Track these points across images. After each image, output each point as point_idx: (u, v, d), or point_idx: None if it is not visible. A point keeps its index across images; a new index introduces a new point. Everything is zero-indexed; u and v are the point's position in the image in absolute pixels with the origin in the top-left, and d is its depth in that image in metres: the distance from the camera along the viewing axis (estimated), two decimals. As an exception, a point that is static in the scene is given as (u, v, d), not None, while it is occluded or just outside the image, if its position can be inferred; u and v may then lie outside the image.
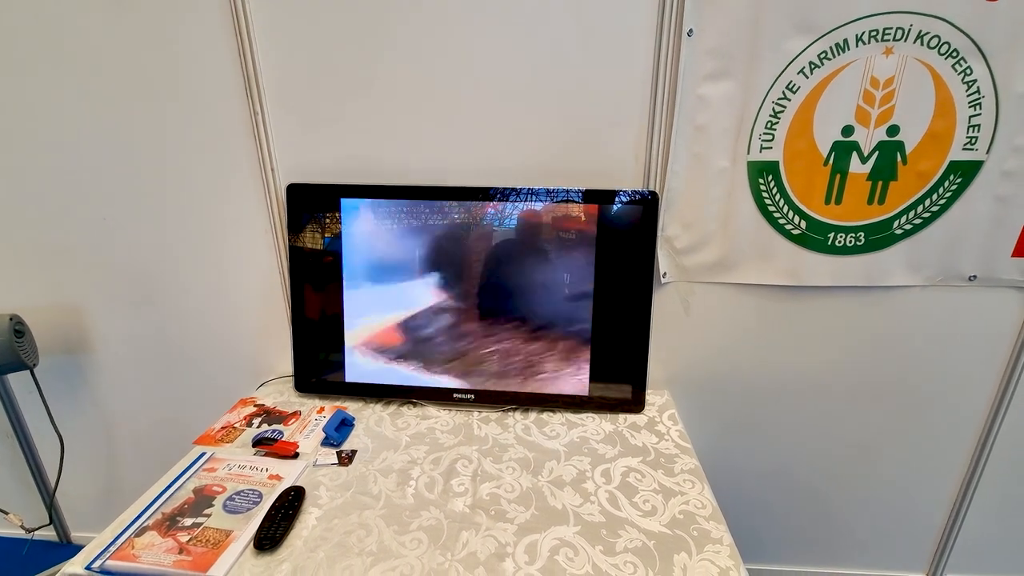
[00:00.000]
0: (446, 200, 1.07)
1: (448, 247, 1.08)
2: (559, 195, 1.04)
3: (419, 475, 0.92)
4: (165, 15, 1.02)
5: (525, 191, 1.05)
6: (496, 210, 1.06)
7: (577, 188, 1.04)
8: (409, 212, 1.08)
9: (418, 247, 1.09)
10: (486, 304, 1.10)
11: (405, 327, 1.13)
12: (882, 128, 0.98)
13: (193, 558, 0.73)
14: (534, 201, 1.05)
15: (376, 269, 1.11)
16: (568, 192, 1.04)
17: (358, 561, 0.74)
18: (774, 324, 1.15)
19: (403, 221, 1.08)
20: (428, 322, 1.12)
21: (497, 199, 1.06)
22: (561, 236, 1.06)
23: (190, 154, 1.12)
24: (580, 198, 1.04)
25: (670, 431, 1.05)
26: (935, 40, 0.92)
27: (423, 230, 1.08)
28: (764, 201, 1.05)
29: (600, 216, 1.05)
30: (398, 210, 1.08)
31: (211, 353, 1.29)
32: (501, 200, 1.05)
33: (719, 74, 0.98)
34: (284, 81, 1.05)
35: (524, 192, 1.05)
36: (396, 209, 1.08)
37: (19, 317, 1.13)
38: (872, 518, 1.32)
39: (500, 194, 1.05)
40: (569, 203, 1.04)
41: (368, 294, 1.12)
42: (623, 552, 0.76)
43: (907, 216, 1.04)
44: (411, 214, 1.08)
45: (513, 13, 0.97)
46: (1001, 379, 1.16)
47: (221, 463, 0.94)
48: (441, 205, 1.07)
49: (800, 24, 0.93)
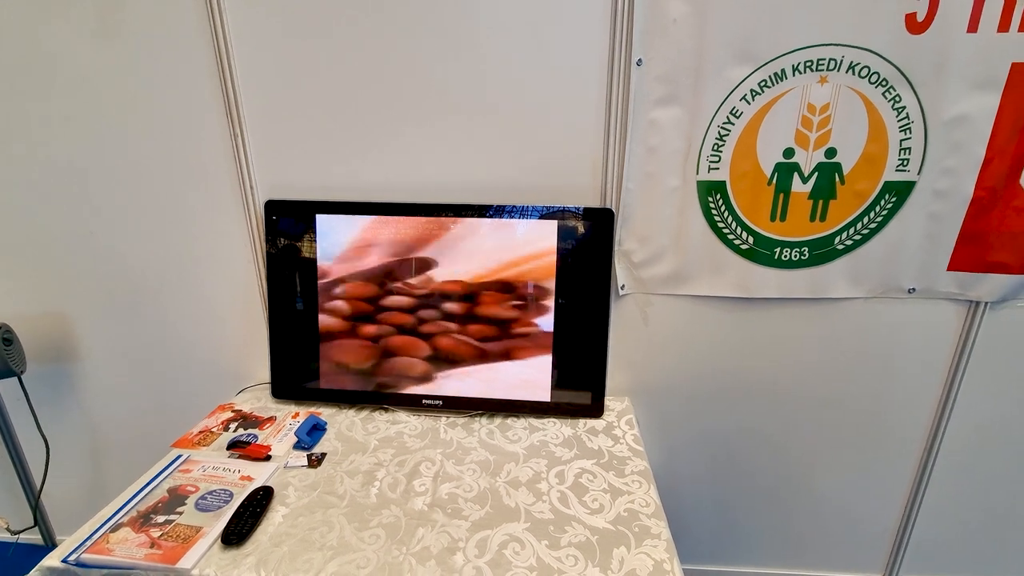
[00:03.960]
0: (416, 216, 1.13)
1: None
2: (523, 211, 1.11)
3: (384, 476, 0.97)
4: (152, 44, 1.09)
5: (491, 208, 1.11)
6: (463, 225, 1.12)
7: (539, 205, 1.10)
8: (381, 227, 1.14)
9: (388, 259, 1.15)
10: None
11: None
12: (820, 151, 1.05)
13: (163, 551, 0.79)
14: (498, 217, 1.11)
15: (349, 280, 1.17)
16: (532, 209, 1.10)
17: (319, 555, 0.80)
18: (727, 334, 1.21)
19: (376, 235, 1.15)
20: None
21: (464, 215, 1.12)
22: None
23: (174, 172, 1.18)
24: (542, 214, 1.10)
25: (626, 435, 1.10)
26: (865, 70, 1.00)
27: (393, 243, 1.14)
28: (714, 218, 1.12)
29: (559, 231, 1.11)
30: (371, 225, 1.14)
31: (192, 361, 1.34)
32: (467, 216, 1.12)
33: (668, 100, 1.05)
34: (262, 105, 1.12)
35: (490, 209, 1.11)
36: (369, 224, 1.14)
37: (8, 326, 1.19)
38: (828, 521, 1.37)
39: (466, 210, 1.12)
40: (531, 218, 1.11)
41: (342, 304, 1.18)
42: (567, 547, 0.81)
43: (847, 232, 1.11)
44: (383, 228, 1.14)
45: (481, 44, 1.04)
46: (943, 386, 1.22)
47: (196, 464, 0.99)
48: (411, 221, 1.13)
49: (740, 54, 1.00)
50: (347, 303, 1.18)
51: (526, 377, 1.16)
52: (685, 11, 0.99)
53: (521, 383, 1.16)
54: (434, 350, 1.17)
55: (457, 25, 1.03)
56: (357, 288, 1.17)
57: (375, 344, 1.18)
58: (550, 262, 1.12)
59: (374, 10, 1.03)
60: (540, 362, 1.15)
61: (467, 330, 1.16)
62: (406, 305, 1.16)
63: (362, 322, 1.18)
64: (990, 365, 1.18)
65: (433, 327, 1.16)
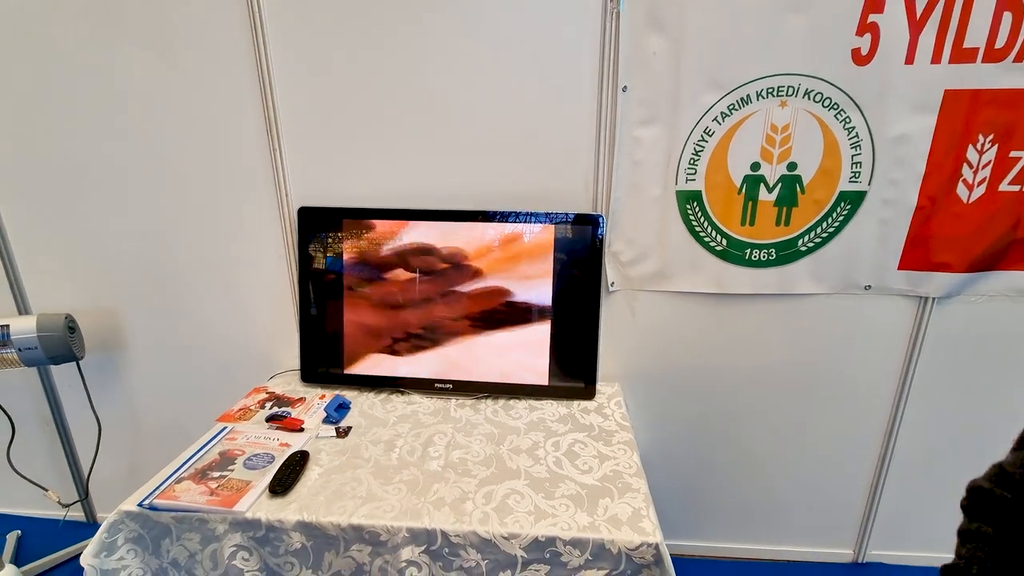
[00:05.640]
0: (431, 220, 1.29)
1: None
2: (524, 216, 1.27)
3: (402, 444, 1.12)
4: (205, 75, 1.26)
5: (496, 213, 1.27)
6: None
7: (538, 211, 1.26)
8: (399, 230, 1.30)
9: (405, 259, 1.31)
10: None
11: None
12: (783, 164, 1.21)
13: (221, 498, 0.94)
14: (504, 221, 1.27)
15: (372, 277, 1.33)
16: (532, 214, 1.26)
17: (351, 503, 0.94)
18: (705, 326, 1.36)
19: (395, 237, 1.31)
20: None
21: (473, 219, 1.28)
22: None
23: (219, 183, 1.35)
24: (541, 219, 1.26)
25: (615, 413, 1.25)
26: (819, 95, 1.16)
27: (411, 245, 1.30)
28: (691, 223, 1.27)
29: (556, 234, 1.27)
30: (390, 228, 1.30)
31: (229, 350, 1.50)
32: (476, 220, 1.28)
33: (649, 120, 1.21)
34: (298, 126, 1.29)
35: (495, 214, 1.27)
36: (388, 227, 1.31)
37: (72, 316, 1.35)
38: (799, 499, 1.51)
39: (475, 216, 1.28)
40: (532, 223, 1.27)
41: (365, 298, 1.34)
42: (560, 498, 0.96)
43: (809, 236, 1.26)
44: (401, 232, 1.30)
45: (488, 71, 1.21)
46: (900, 372, 1.36)
47: (240, 434, 1.14)
48: (427, 224, 1.29)
49: (711, 83, 1.17)
50: (368, 299, 1.33)
51: (527, 364, 1.31)
52: (663, 46, 1.15)
53: (522, 369, 1.31)
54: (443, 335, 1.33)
55: (471, 60, 1.20)
56: (377, 286, 1.33)
57: (394, 335, 1.34)
58: (548, 261, 1.27)
59: (397, 48, 1.20)
60: (539, 350, 1.31)
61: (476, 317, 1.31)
62: (422, 302, 1.32)
63: (382, 314, 1.33)
64: (941, 354, 1.33)
65: (441, 312, 1.32)
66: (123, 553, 0.95)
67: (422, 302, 1.32)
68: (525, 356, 1.31)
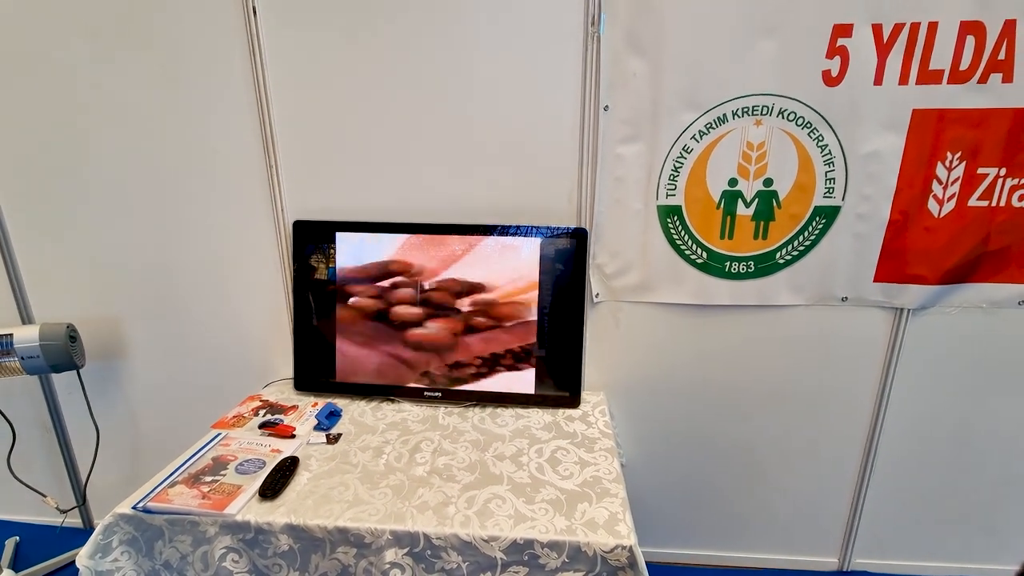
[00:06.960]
0: (422, 234, 1.34)
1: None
2: (512, 230, 1.31)
3: (390, 451, 1.16)
4: (204, 91, 1.32)
5: (484, 227, 1.32)
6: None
7: (525, 225, 1.31)
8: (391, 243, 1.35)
9: (396, 270, 1.35)
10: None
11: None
12: (759, 180, 1.26)
13: (213, 501, 0.97)
14: (489, 235, 1.32)
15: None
16: (519, 228, 1.31)
17: (338, 506, 0.98)
18: (688, 336, 1.40)
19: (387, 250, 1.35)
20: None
21: (461, 233, 1.32)
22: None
23: (216, 195, 1.40)
24: (528, 232, 1.31)
25: (598, 421, 1.28)
26: (792, 115, 1.21)
27: (402, 258, 1.35)
28: (672, 236, 1.32)
29: (542, 247, 1.31)
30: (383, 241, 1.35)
31: (226, 359, 1.54)
32: (464, 234, 1.32)
33: (631, 138, 1.26)
34: (293, 143, 1.34)
35: (483, 228, 1.32)
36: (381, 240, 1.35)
37: (73, 326, 1.39)
38: (784, 507, 1.53)
39: (464, 229, 1.32)
40: (519, 236, 1.31)
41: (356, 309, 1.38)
42: (540, 503, 0.99)
43: (786, 249, 1.30)
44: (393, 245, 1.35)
45: (477, 91, 1.26)
46: (878, 382, 1.39)
47: (233, 440, 1.18)
48: (418, 238, 1.34)
49: (689, 102, 1.22)
50: (360, 310, 1.38)
51: (513, 373, 1.35)
52: (643, 67, 1.20)
53: (509, 378, 1.35)
54: (432, 347, 1.37)
55: (461, 81, 1.25)
56: (369, 298, 1.37)
57: (384, 345, 1.38)
58: (534, 273, 1.32)
59: (390, 69, 1.26)
60: (525, 359, 1.34)
61: (463, 328, 1.35)
62: (412, 314, 1.36)
63: (373, 325, 1.37)
64: (917, 363, 1.36)
65: (432, 326, 1.36)
66: (117, 555, 0.99)
67: (412, 312, 1.36)
68: (512, 365, 1.35)
